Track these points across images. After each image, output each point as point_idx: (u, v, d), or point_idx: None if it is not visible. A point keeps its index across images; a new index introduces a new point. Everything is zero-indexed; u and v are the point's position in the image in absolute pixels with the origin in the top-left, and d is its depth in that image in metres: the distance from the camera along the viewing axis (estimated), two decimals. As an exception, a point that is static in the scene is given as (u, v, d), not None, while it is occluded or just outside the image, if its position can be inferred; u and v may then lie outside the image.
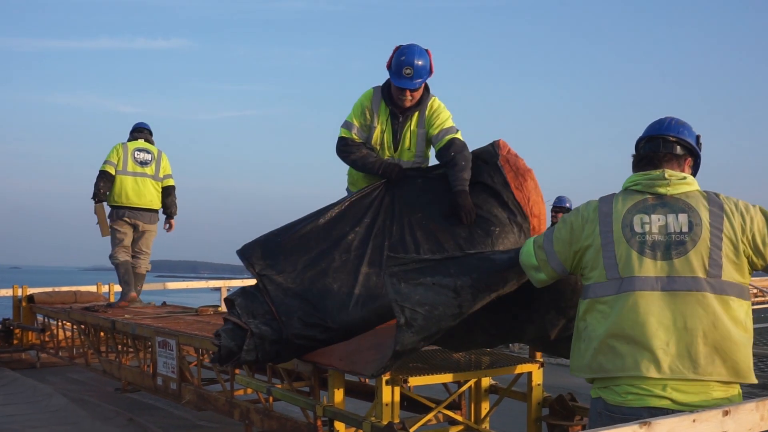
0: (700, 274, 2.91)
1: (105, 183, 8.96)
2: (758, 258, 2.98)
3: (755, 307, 15.56)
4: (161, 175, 9.32)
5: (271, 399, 5.59)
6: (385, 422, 4.29)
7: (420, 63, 4.94)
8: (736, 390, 3.00)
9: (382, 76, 5.16)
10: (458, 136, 5.08)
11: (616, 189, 3.24)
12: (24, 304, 10.76)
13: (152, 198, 9.24)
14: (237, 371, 5.69)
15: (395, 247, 4.73)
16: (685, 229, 2.95)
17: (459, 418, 5.15)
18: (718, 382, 2.91)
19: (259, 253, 4.78)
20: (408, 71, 4.91)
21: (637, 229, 2.96)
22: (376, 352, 4.24)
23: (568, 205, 11.42)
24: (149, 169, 9.19)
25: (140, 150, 9.20)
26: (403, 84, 4.96)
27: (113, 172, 9.00)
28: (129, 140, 9.35)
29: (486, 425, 5.16)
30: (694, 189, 3.07)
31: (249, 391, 6.02)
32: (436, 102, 5.19)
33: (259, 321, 4.48)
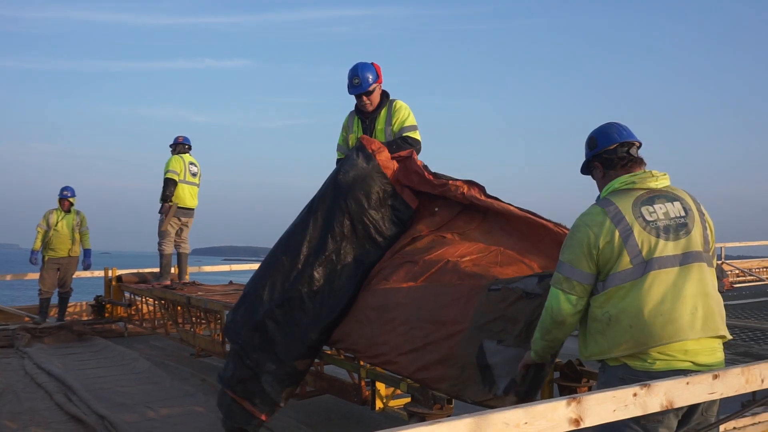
0: (700, 249, 3.01)
1: (172, 188, 9.79)
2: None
3: (737, 285, 15.34)
4: (199, 183, 10.22)
5: (321, 363, 5.62)
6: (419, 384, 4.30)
7: (363, 74, 5.39)
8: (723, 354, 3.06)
9: (408, 91, 5.36)
10: (415, 134, 5.42)
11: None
12: (114, 283, 10.96)
13: (196, 202, 10.21)
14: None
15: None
16: (682, 213, 3.03)
17: (482, 380, 5.13)
18: (721, 338, 3.01)
19: None
20: (356, 81, 5.39)
21: (648, 218, 2.98)
22: (445, 367, 3.98)
23: None
24: (197, 179, 10.15)
25: (192, 164, 10.09)
26: (354, 91, 5.42)
27: (177, 180, 9.79)
28: (178, 152, 10.09)
29: (505, 386, 5.13)
30: (669, 183, 3.16)
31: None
32: (399, 103, 5.52)
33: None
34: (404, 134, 5.36)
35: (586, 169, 3.40)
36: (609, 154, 3.22)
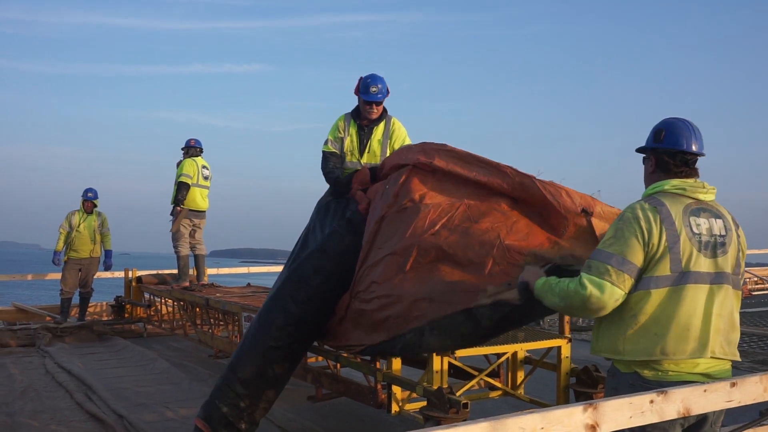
0: (730, 270, 2.95)
1: (185, 192, 9.87)
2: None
3: (756, 293, 15.18)
4: (209, 185, 10.32)
5: (338, 366, 5.62)
6: (435, 387, 4.29)
7: (382, 85, 5.71)
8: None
9: (423, 94, 5.47)
10: None
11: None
12: (133, 284, 11.05)
13: (207, 204, 10.27)
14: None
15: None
16: (723, 232, 2.97)
17: (498, 384, 5.12)
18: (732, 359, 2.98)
19: None
20: (374, 89, 5.67)
21: (695, 230, 2.90)
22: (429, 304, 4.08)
23: None
24: (208, 183, 10.25)
25: (205, 167, 10.19)
26: (372, 98, 5.69)
27: (191, 183, 9.88)
28: (191, 155, 10.17)
29: (521, 391, 5.12)
30: (715, 197, 3.07)
31: (320, 358, 6.07)
32: (396, 121, 5.94)
33: None
34: None
35: (642, 151, 3.21)
36: (668, 157, 3.05)
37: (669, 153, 3.05)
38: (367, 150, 5.87)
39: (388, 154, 5.75)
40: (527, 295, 3.35)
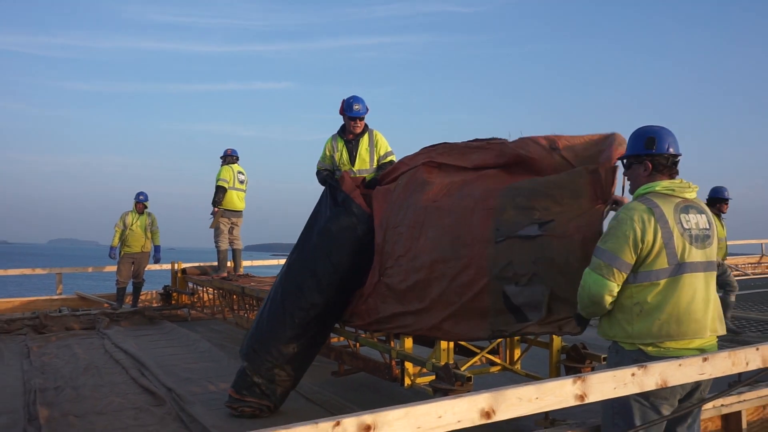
0: (714, 259, 2.98)
1: (222, 195, 9.91)
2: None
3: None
4: (245, 188, 10.31)
5: (357, 345, 5.64)
6: (442, 363, 4.30)
7: (362, 103, 5.96)
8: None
9: (432, 106, 5.44)
10: (393, 158, 6.07)
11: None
12: (179, 275, 11.09)
13: (243, 205, 10.29)
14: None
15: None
16: (707, 226, 2.99)
17: (497, 360, 5.12)
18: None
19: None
20: (357, 107, 5.94)
21: (685, 225, 2.91)
22: (484, 320, 4.01)
23: (726, 194, 8.10)
24: (244, 186, 10.24)
25: (240, 173, 10.18)
26: (356, 114, 5.96)
27: (227, 187, 9.92)
28: (228, 162, 10.20)
29: (518, 366, 5.12)
30: (696, 195, 3.09)
31: (341, 338, 6.09)
32: (378, 133, 6.14)
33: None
34: (388, 158, 6.06)
35: (629, 159, 3.17)
36: (663, 159, 3.05)
37: (662, 156, 3.07)
38: (357, 159, 6.07)
39: (375, 160, 6.06)
40: (583, 322, 3.32)
